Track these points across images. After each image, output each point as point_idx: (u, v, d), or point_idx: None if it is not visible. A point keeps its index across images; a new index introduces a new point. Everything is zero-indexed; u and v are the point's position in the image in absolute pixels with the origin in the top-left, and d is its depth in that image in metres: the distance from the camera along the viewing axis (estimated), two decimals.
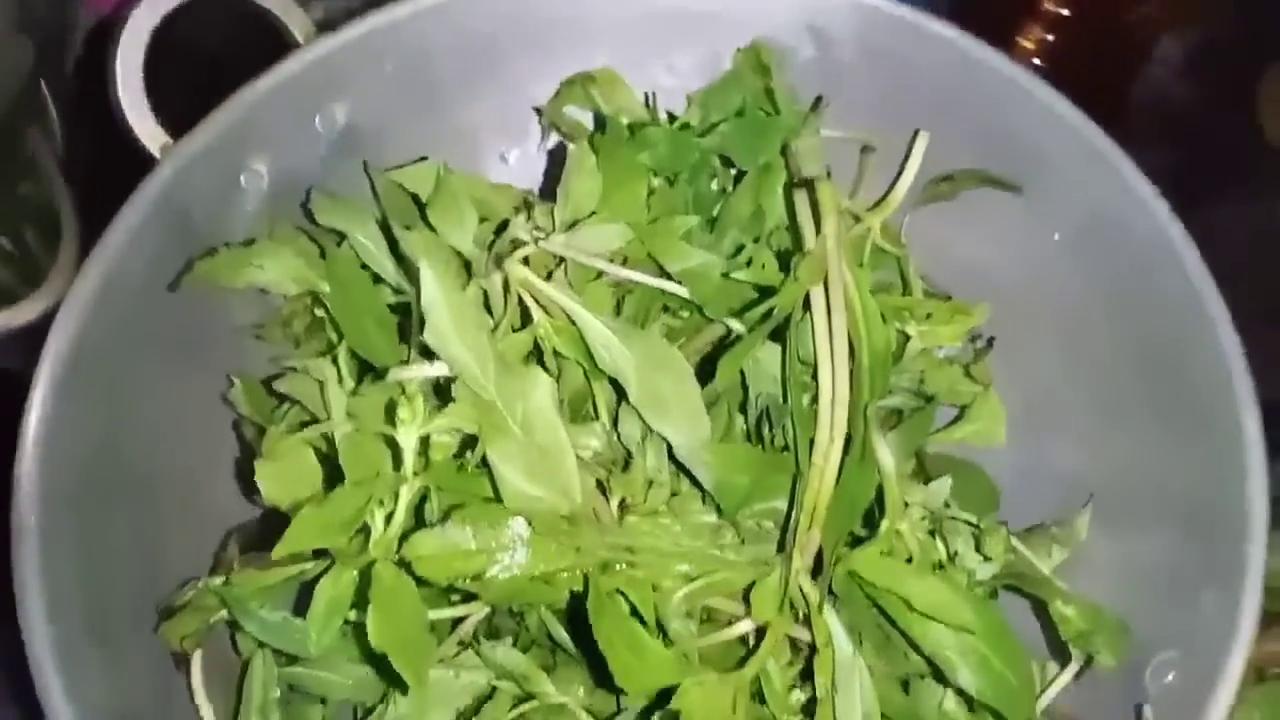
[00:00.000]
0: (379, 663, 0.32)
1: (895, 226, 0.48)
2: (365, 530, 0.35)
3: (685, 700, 0.29)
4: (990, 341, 0.49)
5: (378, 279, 0.43)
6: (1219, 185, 0.59)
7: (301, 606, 0.37)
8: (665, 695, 0.31)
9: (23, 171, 0.48)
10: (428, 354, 0.35)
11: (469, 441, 0.34)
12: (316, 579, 0.35)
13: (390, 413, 0.33)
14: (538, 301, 0.37)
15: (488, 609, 0.38)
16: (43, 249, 0.47)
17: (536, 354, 0.38)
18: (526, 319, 0.38)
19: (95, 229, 0.41)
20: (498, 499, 0.34)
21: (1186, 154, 0.56)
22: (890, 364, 0.37)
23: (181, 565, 0.41)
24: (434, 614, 0.37)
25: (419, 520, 0.35)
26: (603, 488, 0.37)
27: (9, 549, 0.36)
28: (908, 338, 0.46)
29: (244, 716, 0.39)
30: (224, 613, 0.38)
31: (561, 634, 0.39)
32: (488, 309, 0.39)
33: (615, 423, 0.39)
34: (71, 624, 0.36)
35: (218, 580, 0.38)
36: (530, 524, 0.33)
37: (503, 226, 0.40)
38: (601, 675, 0.33)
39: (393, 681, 0.34)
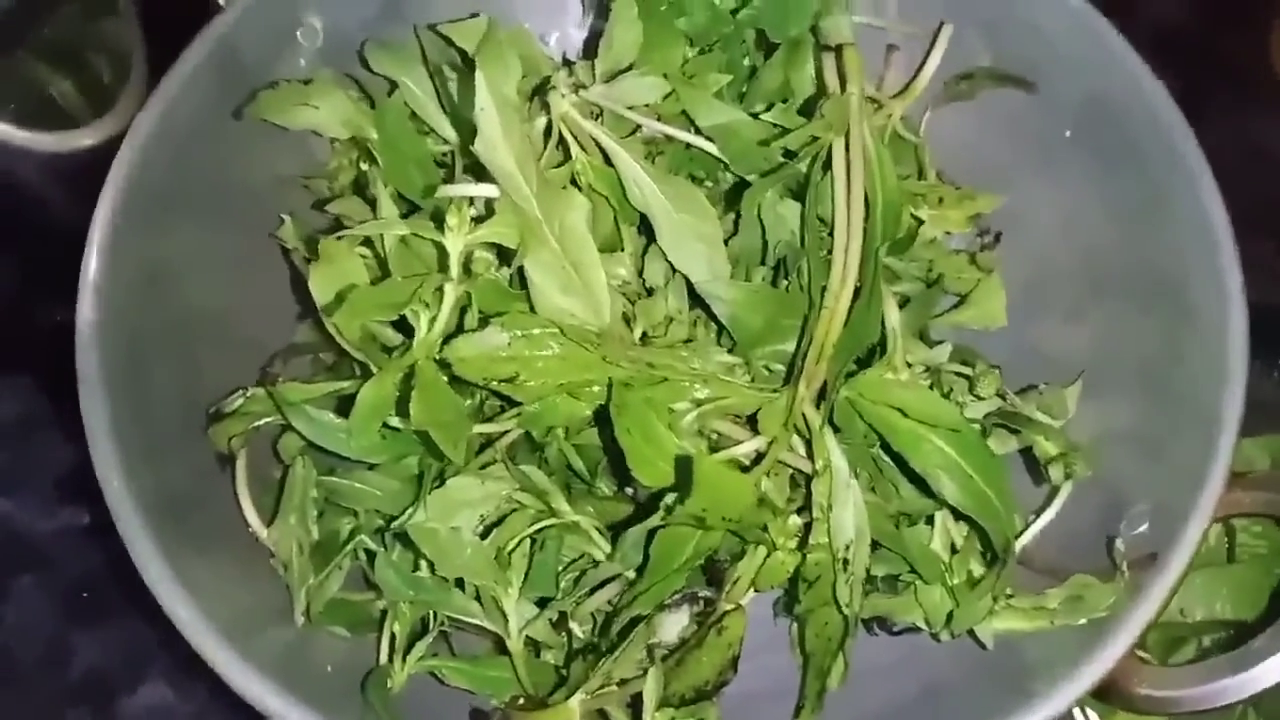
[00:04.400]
0: (424, 440, 0.34)
1: (915, 121, 0.51)
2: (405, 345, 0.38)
3: (700, 469, 0.31)
4: (998, 236, 0.51)
5: (424, 132, 0.46)
6: (1223, 106, 0.62)
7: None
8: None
9: (103, 9, 0.51)
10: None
11: (506, 258, 0.37)
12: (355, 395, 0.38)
13: (438, 222, 0.35)
14: (577, 141, 0.39)
15: (518, 431, 0.40)
16: (114, 82, 0.50)
17: None
18: (566, 161, 0.40)
19: (161, 70, 0.44)
20: (533, 313, 0.36)
21: (1195, 76, 0.58)
22: (901, 212, 0.39)
23: (225, 386, 0.44)
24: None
25: (458, 331, 0.37)
26: (627, 321, 0.40)
27: (74, 368, 0.39)
28: (921, 222, 0.49)
29: (283, 516, 0.41)
30: (268, 419, 0.42)
31: (578, 462, 0.42)
32: None
33: (641, 269, 0.42)
34: (128, 434, 0.38)
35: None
36: (562, 332, 0.35)
37: (545, 81, 0.43)
38: (621, 475, 0.35)
39: (434, 454, 0.36)
